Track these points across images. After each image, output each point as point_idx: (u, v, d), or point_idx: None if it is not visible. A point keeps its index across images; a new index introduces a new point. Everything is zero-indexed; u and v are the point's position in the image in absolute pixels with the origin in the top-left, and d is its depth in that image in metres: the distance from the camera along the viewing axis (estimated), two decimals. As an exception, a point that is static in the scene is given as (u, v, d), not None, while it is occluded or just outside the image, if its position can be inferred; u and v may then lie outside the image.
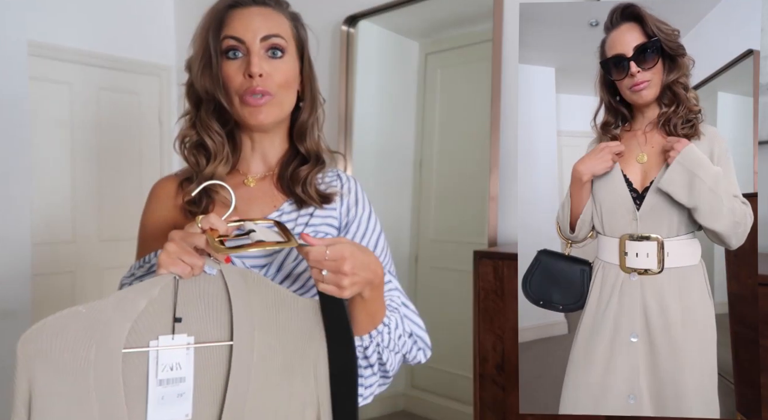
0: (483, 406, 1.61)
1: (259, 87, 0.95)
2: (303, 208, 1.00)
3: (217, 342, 0.82)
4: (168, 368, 0.79)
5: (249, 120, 0.97)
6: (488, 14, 2.11)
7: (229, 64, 0.96)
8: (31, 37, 2.47)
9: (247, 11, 0.97)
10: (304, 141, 1.04)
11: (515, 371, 1.47)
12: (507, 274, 1.56)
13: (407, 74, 2.61)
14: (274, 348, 0.83)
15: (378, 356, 0.91)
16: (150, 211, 1.04)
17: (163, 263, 0.78)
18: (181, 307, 0.80)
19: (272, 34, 0.96)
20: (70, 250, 2.97)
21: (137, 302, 0.78)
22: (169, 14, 3.32)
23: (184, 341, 0.80)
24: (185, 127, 1.01)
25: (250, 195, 1.02)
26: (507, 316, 1.56)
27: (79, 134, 3.00)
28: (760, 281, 1.20)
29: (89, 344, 0.75)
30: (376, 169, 2.63)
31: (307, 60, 1.04)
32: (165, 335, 0.79)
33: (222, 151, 0.99)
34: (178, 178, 1.04)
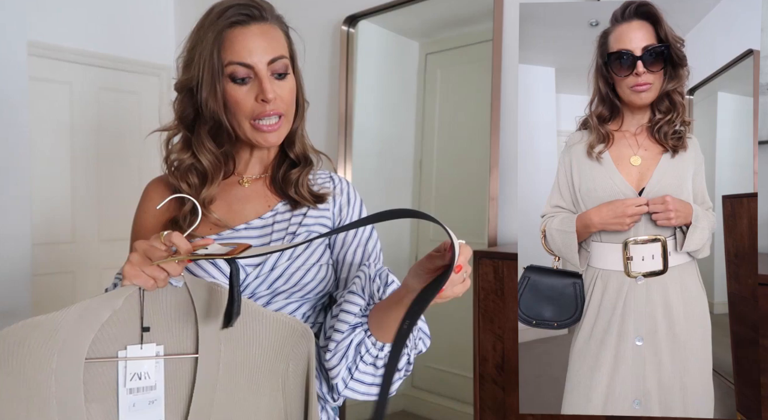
0: (483, 406, 1.61)
1: (273, 110, 0.95)
2: (297, 209, 1.02)
3: (183, 354, 0.82)
4: (137, 377, 0.80)
5: (262, 143, 0.98)
6: (488, 14, 2.11)
7: (236, 88, 0.95)
8: (31, 37, 2.47)
9: (249, 31, 0.95)
10: (293, 147, 1.05)
11: (515, 371, 1.47)
12: (507, 274, 1.56)
13: (407, 74, 2.61)
14: (240, 363, 0.83)
15: (407, 358, 0.92)
16: (142, 211, 1.04)
17: (127, 274, 0.79)
18: (149, 316, 0.81)
19: (277, 57, 0.96)
20: (70, 250, 2.96)
21: (100, 313, 0.78)
22: (169, 14, 3.32)
23: (152, 350, 0.81)
24: (176, 148, 1.00)
25: (245, 195, 1.03)
26: (507, 316, 1.56)
27: (79, 134, 3.00)
28: (760, 281, 1.20)
29: (51, 353, 0.76)
30: (376, 169, 2.63)
31: (297, 69, 1.04)
32: (133, 345, 0.80)
33: (219, 174, 1.00)
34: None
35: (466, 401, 2.19)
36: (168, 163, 1.01)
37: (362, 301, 0.91)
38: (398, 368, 0.91)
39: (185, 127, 1.00)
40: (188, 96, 0.98)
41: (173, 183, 1.00)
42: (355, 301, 0.91)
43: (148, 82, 3.23)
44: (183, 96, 1.00)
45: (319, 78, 2.63)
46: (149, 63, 3.21)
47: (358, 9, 2.50)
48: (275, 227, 1.00)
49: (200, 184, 0.99)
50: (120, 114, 3.15)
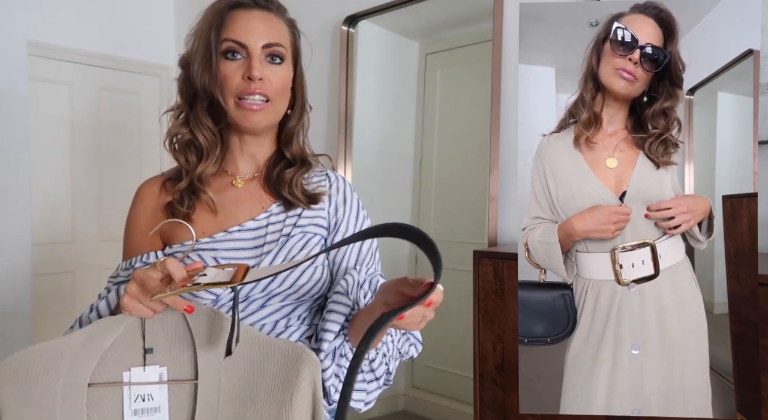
0: (483, 406, 1.61)
1: (258, 90, 0.95)
2: (291, 210, 1.01)
3: (183, 380, 0.83)
4: (141, 399, 0.81)
5: (242, 122, 0.97)
6: (488, 14, 2.11)
7: (227, 64, 0.96)
8: (31, 37, 2.47)
9: (250, 15, 0.97)
10: (290, 146, 1.04)
11: (515, 371, 1.47)
12: (507, 274, 1.56)
13: (407, 74, 2.61)
14: (241, 393, 0.83)
15: (386, 367, 0.92)
16: (134, 212, 1.04)
17: (126, 306, 0.79)
18: (150, 338, 0.82)
19: (274, 43, 0.97)
20: (70, 250, 2.96)
21: (102, 339, 0.80)
22: (169, 14, 3.32)
23: (156, 372, 0.82)
24: (176, 124, 1.01)
25: (239, 196, 1.02)
26: (507, 316, 1.56)
27: (79, 134, 3.00)
28: (760, 281, 1.20)
29: (56, 378, 0.78)
30: (376, 169, 2.62)
31: (300, 68, 1.04)
32: (136, 367, 0.82)
33: (215, 150, 0.99)
34: (162, 177, 1.05)
35: (466, 401, 2.19)
36: (169, 138, 1.02)
37: (345, 308, 0.91)
38: (377, 377, 0.92)
39: (186, 102, 1.01)
40: (188, 71, 1.00)
41: (173, 156, 1.01)
42: (337, 310, 0.91)
43: (148, 82, 3.23)
44: (184, 71, 1.01)
45: (319, 78, 2.63)
46: (149, 63, 3.21)
47: (358, 9, 2.50)
48: (269, 229, 0.99)
49: (197, 161, 0.99)
50: (120, 114, 3.15)
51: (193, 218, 0.99)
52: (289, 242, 0.97)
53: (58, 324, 2.82)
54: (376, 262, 1.04)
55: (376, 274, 1.00)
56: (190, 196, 0.99)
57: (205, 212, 1.00)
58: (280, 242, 0.97)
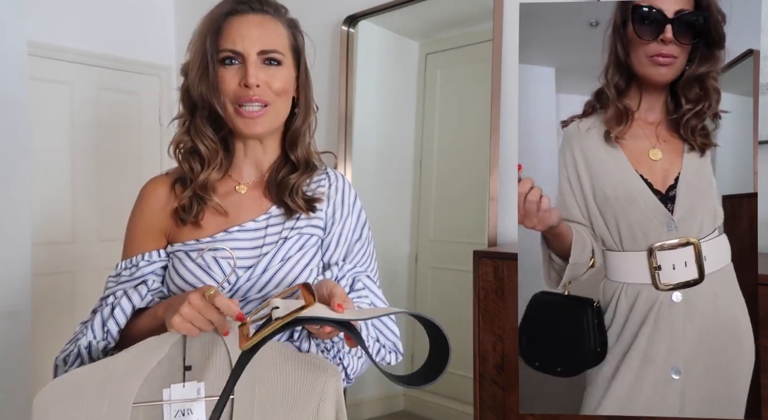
0: (483, 406, 1.61)
1: (255, 96, 0.95)
2: (290, 214, 1.02)
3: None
4: (181, 414, 0.83)
5: (243, 130, 0.98)
6: (488, 14, 2.11)
7: (224, 70, 0.96)
8: (31, 37, 2.47)
9: (245, 20, 0.97)
10: (295, 149, 1.04)
11: (515, 371, 1.47)
12: (507, 274, 1.56)
13: (407, 74, 2.61)
14: (275, 403, 0.85)
15: (339, 361, 0.95)
16: (139, 212, 1.04)
17: (175, 325, 0.80)
18: (189, 354, 0.84)
19: (269, 49, 0.97)
20: (70, 250, 2.96)
21: (149, 361, 0.82)
22: (169, 14, 3.32)
23: (194, 388, 0.84)
24: (179, 132, 1.02)
25: (241, 202, 1.03)
26: (507, 316, 1.56)
27: (79, 134, 2.99)
28: (760, 281, 1.20)
29: (102, 399, 0.79)
30: (376, 169, 2.63)
31: (303, 67, 1.04)
32: (176, 383, 0.83)
33: (215, 158, 1.00)
34: (169, 178, 1.05)
35: (466, 401, 2.19)
36: (174, 146, 1.03)
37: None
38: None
39: (187, 110, 1.01)
40: (188, 80, 1.01)
41: (178, 163, 1.02)
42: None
43: (148, 82, 3.23)
44: (185, 79, 1.01)
45: (319, 78, 2.63)
46: (149, 63, 3.21)
47: (358, 9, 2.50)
48: (268, 230, 1.00)
49: (200, 169, 1.00)
50: (120, 114, 3.14)
51: (202, 223, 1.00)
52: (286, 244, 0.98)
53: (58, 324, 2.82)
54: (366, 258, 1.05)
55: (363, 272, 1.01)
56: (198, 202, 0.99)
57: (214, 215, 1.01)
58: (278, 244, 0.98)
